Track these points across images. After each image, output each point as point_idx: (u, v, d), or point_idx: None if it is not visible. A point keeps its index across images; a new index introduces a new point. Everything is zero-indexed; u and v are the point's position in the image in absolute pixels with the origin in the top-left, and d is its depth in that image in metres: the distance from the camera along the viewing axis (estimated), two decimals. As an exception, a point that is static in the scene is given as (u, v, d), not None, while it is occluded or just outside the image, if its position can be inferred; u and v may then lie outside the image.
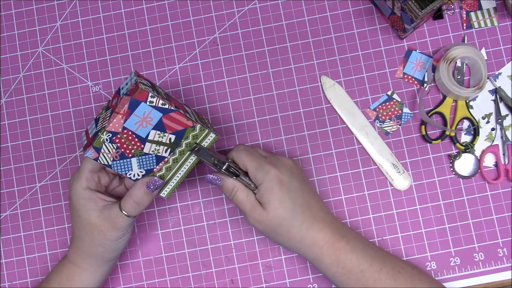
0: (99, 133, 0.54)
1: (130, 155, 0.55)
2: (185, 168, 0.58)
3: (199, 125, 0.55)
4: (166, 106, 0.53)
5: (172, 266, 0.65)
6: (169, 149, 0.56)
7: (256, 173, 0.56)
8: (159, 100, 0.53)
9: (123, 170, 0.56)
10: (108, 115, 0.55)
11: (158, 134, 0.55)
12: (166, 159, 0.56)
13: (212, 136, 0.57)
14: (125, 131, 0.54)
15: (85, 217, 0.56)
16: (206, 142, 0.57)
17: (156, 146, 0.55)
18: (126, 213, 0.55)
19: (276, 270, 0.65)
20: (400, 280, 0.55)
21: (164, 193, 0.59)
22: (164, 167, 0.57)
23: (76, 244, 0.58)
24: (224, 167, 0.56)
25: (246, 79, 0.68)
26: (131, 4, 0.69)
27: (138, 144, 0.55)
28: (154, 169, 0.57)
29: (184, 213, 0.66)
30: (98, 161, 0.55)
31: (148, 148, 0.55)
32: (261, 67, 0.68)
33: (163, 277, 0.65)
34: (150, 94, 0.52)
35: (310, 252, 0.56)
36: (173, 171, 0.58)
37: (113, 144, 0.54)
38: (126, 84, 0.56)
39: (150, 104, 0.53)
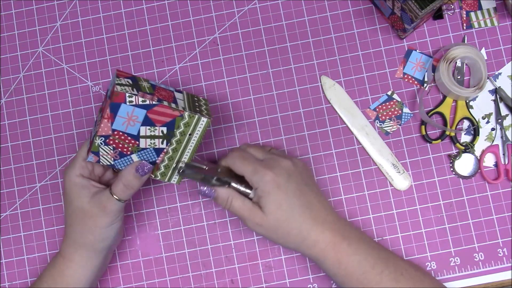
0: (93, 138, 0.55)
1: (128, 153, 0.56)
2: (188, 151, 0.58)
3: (187, 112, 0.55)
4: (147, 102, 0.53)
5: (172, 266, 0.65)
6: (165, 140, 0.56)
7: (252, 177, 0.56)
8: (138, 98, 0.53)
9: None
10: (99, 119, 0.56)
11: (149, 129, 0.55)
12: (165, 150, 0.57)
13: (204, 120, 0.56)
14: (115, 132, 0.54)
15: (77, 204, 0.56)
16: (200, 128, 0.56)
17: (150, 140, 0.56)
18: (116, 197, 0.56)
19: (276, 270, 0.65)
20: (402, 282, 0.55)
21: (174, 180, 0.59)
22: (166, 157, 0.57)
23: (67, 235, 0.58)
24: (213, 180, 0.57)
25: (246, 79, 0.68)
26: (131, 4, 0.69)
27: (133, 141, 0.55)
28: (157, 161, 0.57)
29: (184, 213, 0.66)
30: (100, 163, 0.56)
31: (143, 143, 0.56)
32: (261, 67, 0.68)
33: (163, 277, 0.65)
34: (127, 95, 0.52)
35: (311, 252, 0.56)
36: (176, 159, 0.58)
37: (109, 146, 0.55)
38: (111, 85, 0.56)
39: (130, 103, 0.53)
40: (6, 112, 0.69)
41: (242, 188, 0.58)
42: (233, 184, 0.58)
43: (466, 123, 0.66)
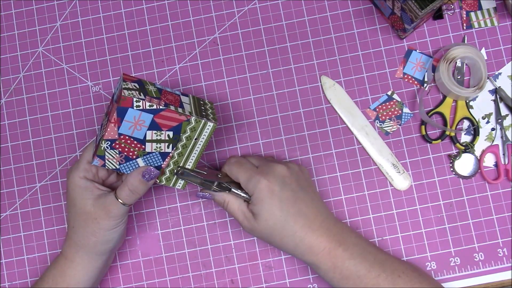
0: (99, 142, 0.55)
1: (134, 157, 0.56)
2: (194, 155, 0.58)
3: (193, 117, 0.55)
4: (154, 107, 0.53)
5: (172, 266, 0.65)
6: (171, 144, 0.56)
7: (247, 184, 0.57)
8: (145, 103, 0.53)
9: (131, 171, 0.57)
10: (105, 123, 0.56)
11: (155, 133, 0.55)
12: (171, 154, 0.57)
13: (210, 125, 0.56)
14: (122, 136, 0.54)
15: (81, 206, 0.56)
16: (206, 132, 0.57)
17: (156, 144, 0.56)
18: (121, 201, 0.56)
19: (276, 270, 0.65)
20: (399, 284, 0.55)
21: (179, 185, 0.59)
22: (171, 162, 0.57)
23: (69, 236, 0.58)
24: (214, 185, 0.58)
25: (246, 79, 0.68)
26: (131, 4, 0.69)
27: (139, 145, 0.55)
28: (162, 165, 0.57)
29: (184, 213, 0.66)
30: (106, 167, 0.56)
31: (149, 147, 0.56)
32: (261, 67, 0.68)
33: (163, 277, 0.65)
34: (135, 99, 0.52)
35: (306, 258, 0.56)
36: (181, 163, 0.58)
37: (115, 150, 0.55)
38: (117, 89, 0.56)
39: (138, 108, 0.53)
40: (6, 112, 0.69)
41: (242, 194, 0.58)
42: (233, 190, 0.58)
43: (466, 123, 0.66)
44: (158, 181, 0.59)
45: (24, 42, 0.70)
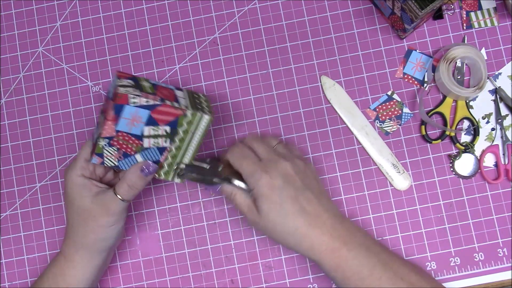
0: (97, 140, 0.55)
1: (132, 153, 0.56)
2: (191, 149, 0.58)
3: (189, 111, 0.55)
4: (151, 103, 0.53)
5: (172, 266, 0.65)
6: (168, 139, 0.56)
7: (248, 178, 0.56)
8: (141, 99, 0.53)
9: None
10: (101, 121, 0.56)
11: (153, 128, 0.55)
12: (168, 148, 0.57)
13: (206, 118, 0.56)
14: (119, 133, 0.54)
15: (79, 204, 0.56)
16: (202, 125, 0.57)
17: (154, 139, 0.56)
18: (120, 197, 0.56)
19: (276, 270, 0.65)
20: (401, 286, 0.55)
21: (179, 179, 0.60)
22: (169, 155, 0.57)
23: (68, 236, 0.58)
24: (214, 180, 0.58)
25: (246, 79, 0.68)
26: (131, 4, 0.69)
27: (137, 142, 0.55)
28: (161, 160, 0.57)
29: (184, 213, 0.66)
30: (104, 164, 0.56)
31: (147, 143, 0.56)
32: (261, 67, 0.68)
33: (163, 277, 0.65)
34: (131, 96, 0.53)
35: (309, 255, 0.56)
36: (179, 156, 0.58)
37: (113, 147, 0.55)
38: (111, 87, 0.56)
39: (134, 104, 0.53)
40: (6, 112, 0.69)
41: (243, 186, 0.58)
42: (235, 182, 0.58)
43: (466, 123, 0.66)
44: (157, 175, 0.59)
45: (24, 42, 0.70)
